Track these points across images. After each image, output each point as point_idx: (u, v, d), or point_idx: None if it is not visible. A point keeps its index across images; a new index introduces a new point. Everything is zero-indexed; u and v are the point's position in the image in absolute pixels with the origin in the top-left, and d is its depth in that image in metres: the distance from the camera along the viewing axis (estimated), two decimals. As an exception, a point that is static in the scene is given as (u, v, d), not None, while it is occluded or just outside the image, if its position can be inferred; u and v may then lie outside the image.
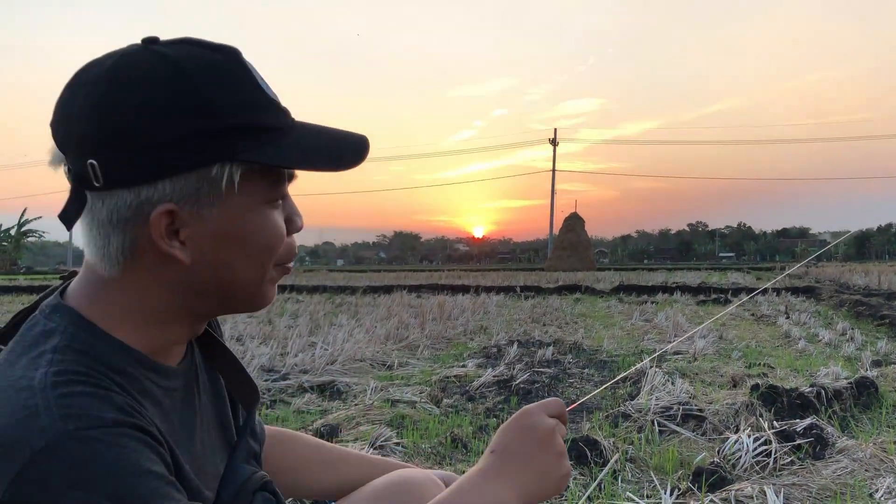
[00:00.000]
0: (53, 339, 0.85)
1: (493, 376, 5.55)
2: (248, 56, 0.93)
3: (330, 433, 3.97)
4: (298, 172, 0.96)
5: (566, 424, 1.08)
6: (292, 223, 0.98)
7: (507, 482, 0.98)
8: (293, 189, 0.99)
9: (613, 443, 3.53)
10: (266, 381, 5.63)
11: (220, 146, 0.85)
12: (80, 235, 0.92)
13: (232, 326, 9.07)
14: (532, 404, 1.06)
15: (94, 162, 0.83)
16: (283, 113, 0.93)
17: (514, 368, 5.89)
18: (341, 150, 0.95)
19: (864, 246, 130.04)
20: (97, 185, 0.84)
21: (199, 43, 0.89)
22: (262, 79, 0.92)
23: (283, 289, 19.50)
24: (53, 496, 0.72)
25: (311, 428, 4.09)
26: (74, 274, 0.97)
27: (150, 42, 0.88)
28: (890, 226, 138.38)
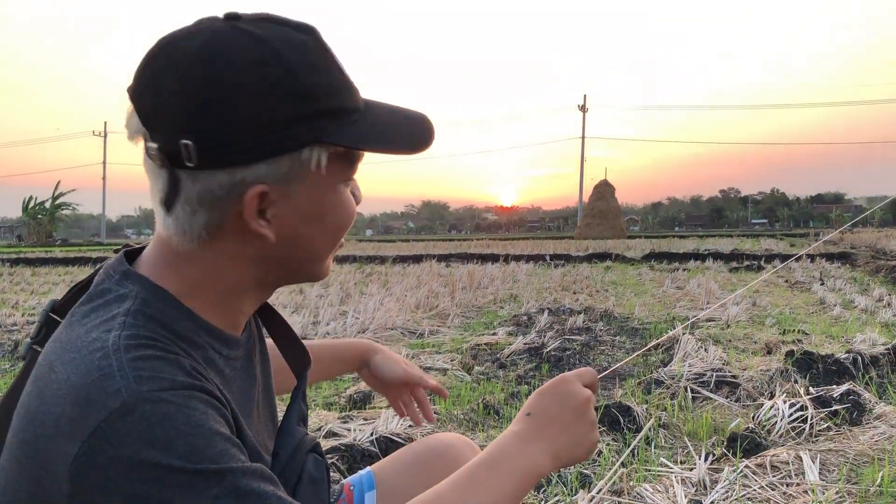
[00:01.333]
0: (126, 303, 0.87)
1: (524, 344, 5.56)
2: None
3: (363, 400, 4.02)
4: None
5: (596, 394, 1.10)
6: (355, 198, 1.00)
7: (543, 445, 0.99)
8: None
9: (647, 409, 3.52)
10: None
11: (313, 129, 0.86)
12: (155, 209, 0.91)
13: (264, 296, 9.16)
14: (568, 372, 1.08)
15: (189, 142, 0.82)
16: (358, 95, 0.94)
17: (544, 336, 5.89)
18: (413, 132, 0.96)
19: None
20: (189, 164, 0.83)
21: (282, 21, 0.89)
22: (338, 60, 0.93)
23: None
24: (127, 454, 0.74)
25: (344, 395, 4.13)
26: (128, 246, 0.99)
27: (233, 18, 0.87)
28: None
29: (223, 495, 0.76)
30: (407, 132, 0.96)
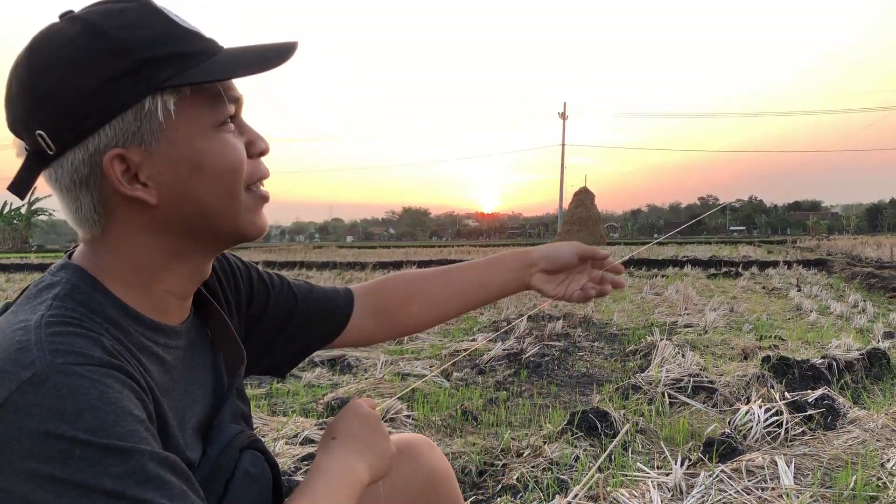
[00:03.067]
0: (55, 289, 0.89)
1: (503, 350, 5.56)
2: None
3: (341, 406, 3.98)
4: (245, 91, 0.99)
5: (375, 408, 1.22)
6: (254, 146, 0.99)
7: (358, 459, 1.08)
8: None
9: (624, 415, 3.53)
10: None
11: (144, 79, 0.87)
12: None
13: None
14: (356, 398, 1.20)
15: (42, 132, 0.86)
16: (208, 41, 0.94)
17: (524, 342, 5.89)
18: (266, 54, 0.95)
19: (877, 218, 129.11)
20: (51, 153, 0.87)
21: (108, 0, 0.92)
22: (177, 16, 0.93)
23: (292, 265, 19.58)
24: (34, 426, 0.74)
25: (321, 402, 4.11)
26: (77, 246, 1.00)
27: (65, 14, 0.91)
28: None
29: (126, 475, 0.75)
30: (257, 57, 0.94)
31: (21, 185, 0.91)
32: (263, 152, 1.00)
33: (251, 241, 1.03)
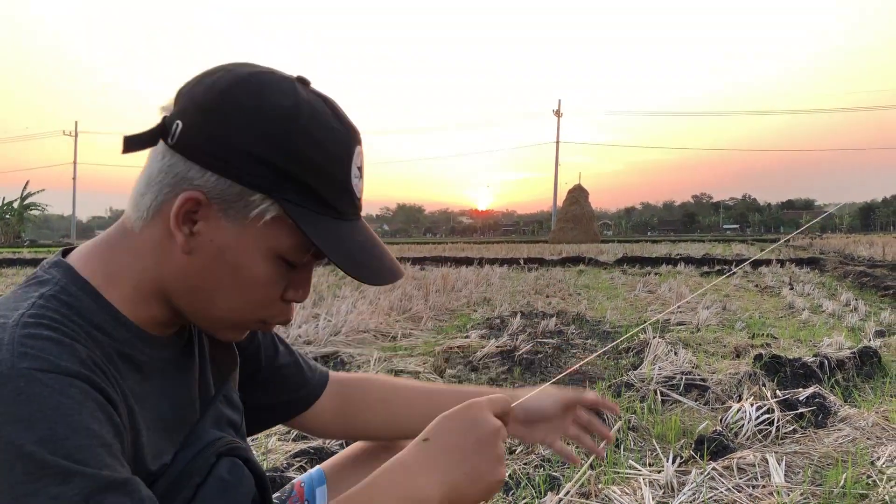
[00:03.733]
0: (44, 287, 0.89)
1: (497, 347, 5.57)
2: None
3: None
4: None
5: (508, 425, 1.03)
6: (294, 292, 0.99)
7: (432, 476, 0.94)
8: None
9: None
10: (270, 352, 5.65)
11: (276, 184, 0.89)
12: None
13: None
14: (480, 398, 1.01)
15: (181, 122, 0.89)
16: (352, 206, 0.96)
17: (517, 339, 5.90)
18: (367, 263, 0.96)
19: (870, 217, 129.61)
20: (169, 141, 0.89)
21: (334, 107, 0.94)
22: (358, 168, 0.95)
23: (286, 261, 19.49)
24: None
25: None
26: (74, 248, 1.00)
27: (300, 80, 0.94)
28: (895, 197, 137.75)
29: (61, 496, 0.73)
30: (361, 257, 0.95)
31: (135, 142, 0.92)
32: (298, 300, 1.00)
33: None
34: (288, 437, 3.29)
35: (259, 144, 0.87)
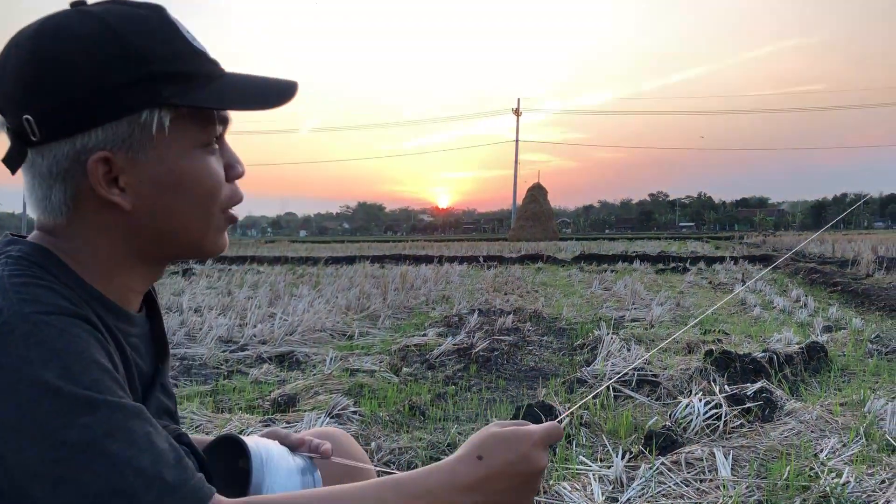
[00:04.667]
0: (11, 248, 0.90)
1: (454, 345, 5.58)
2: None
3: (287, 403, 3.96)
4: (234, 118, 0.99)
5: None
6: (232, 169, 1.00)
7: (477, 499, 0.91)
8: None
9: (569, 408, 3.57)
10: (224, 351, 5.59)
11: (148, 92, 0.88)
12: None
13: (190, 297, 8.97)
14: (537, 428, 0.97)
15: (30, 117, 0.85)
16: (212, 63, 0.96)
17: (474, 337, 5.91)
18: (267, 92, 0.97)
19: (821, 215, 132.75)
20: (34, 139, 0.86)
21: (124, 3, 0.92)
22: (188, 32, 0.94)
23: (243, 260, 19.34)
24: (4, 372, 0.76)
25: (268, 398, 4.07)
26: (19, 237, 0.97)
27: (77, 4, 0.91)
28: (845, 195, 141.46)
29: (93, 425, 0.76)
30: (258, 92, 0.97)
31: (12, 161, 0.90)
32: (240, 176, 1.01)
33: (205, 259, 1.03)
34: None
35: (103, 74, 0.86)
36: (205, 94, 0.92)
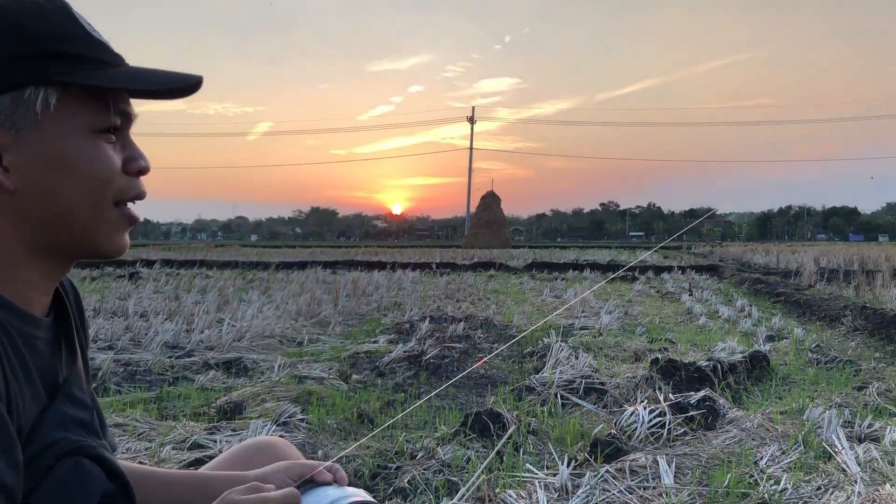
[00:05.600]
0: None
1: (404, 352, 5.56)
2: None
3: (234, 410, 3.90)
4: (138, 112, 0.98)
5: None
6: (134, 162, 0.97)
7: None
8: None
9: (517, 416, 3.59)
10: (170, 357, 5.48)
11: (33, 69, 0.87)
12: None
13: (136, 302, 8.79)
14: (275, 495, 1.02)
15: None
16: (112, 54, 0.95)
17: (424, 344, 5.90)
18: (165, 81, 0.96)
19: (766, 226, 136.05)
20: None
21: None
22: (89, 24, 0.94)
23: (191, 264, 19.03)
24: None
25: (214, 405, 4.00)
26: None
27: None
28: (790, 207, 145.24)
29: None
30: (156, 80, 0.95)
31: None
32: (143, 171, 0.98)
33: (105, 260, 1.00)
34: (183, 446, 3.19)
35: None
36: (96, 76, 0.90)
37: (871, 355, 5.73)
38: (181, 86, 0.95)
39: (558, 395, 4.05)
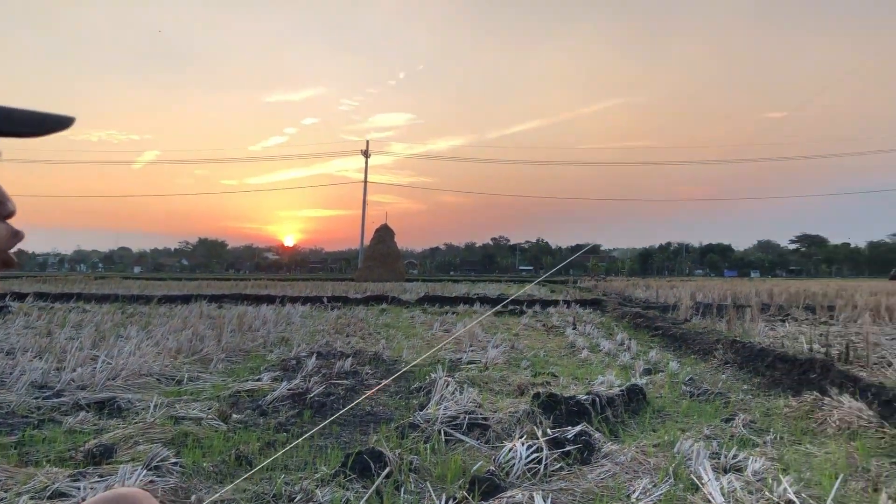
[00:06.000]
0: None
1: (288, 389, 5.45)
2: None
3: (103, 454, 3.71)
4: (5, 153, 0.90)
5: None
6: (2, 206, 0.91)
7: None
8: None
9: (399, 454, 3.57)
10: (37, 398, 5.17)
11: None
12: None
13: (2, 338, 8.26)
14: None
15: None
16: None
17: (310, 381, 5.81)
18: (25, 120, 0.87)
19: (648, 262, 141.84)
20: None
21: None
22: None
23: (67, 297, 18.06)
24: None
25: (82, 449, 3.80)
26: None
27: None
28: (669, 244, 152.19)
29: None
30: (14, 117, 0.87)
31: None
32: (10, 215, 0.91)
33: None
34: (43, 494, 3.00)
35: None
36: None
37: (739, 387, 6.05)
38: (46, 128, 0.88)
39: (441, 432, 4.07)
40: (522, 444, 3.44)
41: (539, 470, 3.30)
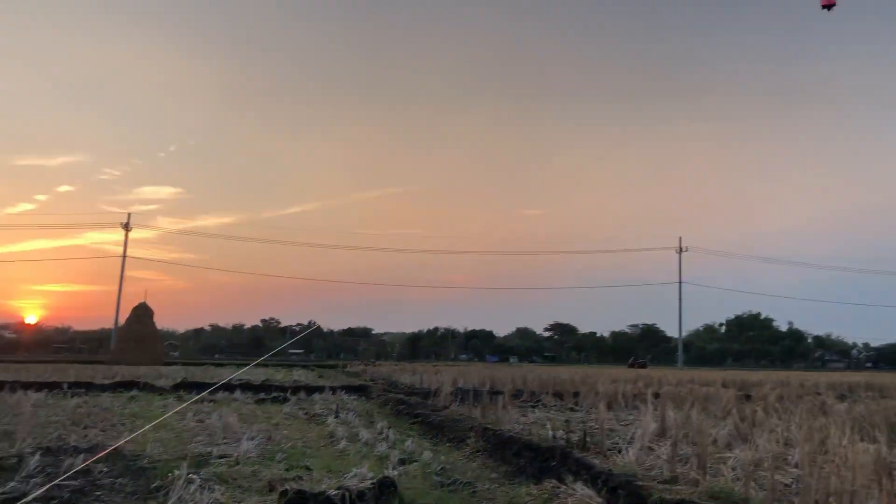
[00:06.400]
0: None
1: (1, 494, 4.82)
2: None
3: None
4: None
5: None
6: None
7: None
8: None
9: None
10: None
11: None
12: None
13: None
14: None
15: None
16: None
17: (29, 483, 5.18)
18: None
19: (416, 346, 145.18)
20: None
21: None
22: None
23: None
24: None
25: None
26: None
27: None
28: (437, 329, 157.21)
29: None
30: None
31: None
32: None
33: None
34: None
35: None
36: None
37: (487, 476, 6.25)
38: None
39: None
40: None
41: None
